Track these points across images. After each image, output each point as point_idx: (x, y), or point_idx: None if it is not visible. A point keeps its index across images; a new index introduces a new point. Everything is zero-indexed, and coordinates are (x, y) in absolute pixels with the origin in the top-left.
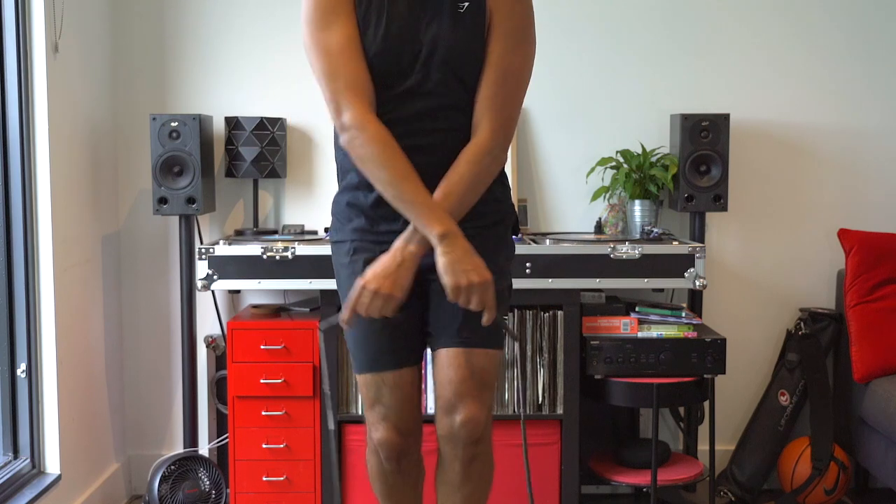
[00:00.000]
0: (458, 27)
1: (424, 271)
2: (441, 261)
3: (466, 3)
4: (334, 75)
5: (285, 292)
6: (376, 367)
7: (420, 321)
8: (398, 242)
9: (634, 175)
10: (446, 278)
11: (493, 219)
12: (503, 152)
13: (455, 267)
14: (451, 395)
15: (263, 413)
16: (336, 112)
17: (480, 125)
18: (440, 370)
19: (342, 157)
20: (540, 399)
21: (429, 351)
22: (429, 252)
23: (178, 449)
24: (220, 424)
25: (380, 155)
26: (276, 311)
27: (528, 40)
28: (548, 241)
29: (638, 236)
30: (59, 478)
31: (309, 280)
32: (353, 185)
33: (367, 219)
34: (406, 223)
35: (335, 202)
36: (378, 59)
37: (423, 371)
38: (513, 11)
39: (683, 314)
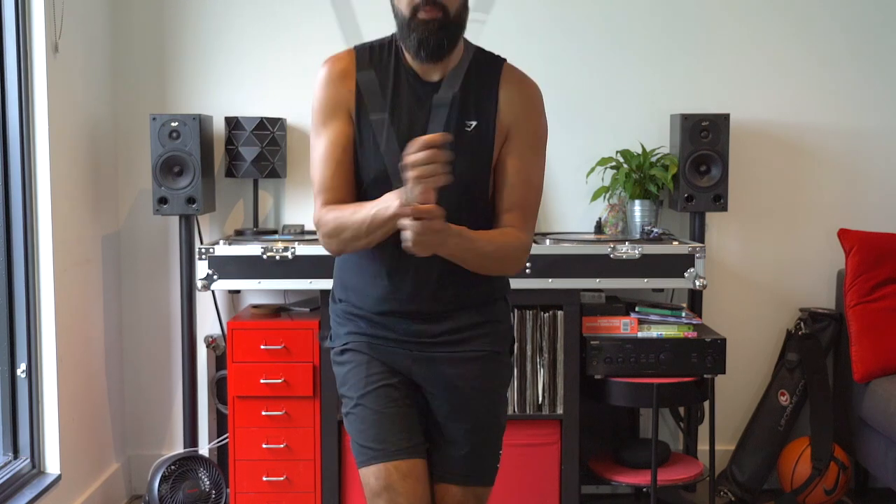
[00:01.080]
0: (463, 149)
1: (426, 387)
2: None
3: (474, 123)
4: (314, 176)
5: (285, 292)
6: (387, 457)
7: (423, 418)
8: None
9: (634, 175)
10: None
11: (498, 343)
12: (526, 255)
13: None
14: None
15: (263, 413)
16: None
17: (508, 221)
18: None
19: (336, 271)
20: (540, 399)
21: None
22: (424, 366)
23: (178, 449)
24: (220, 424)
25: (336, 227)
26: (276, 311)
27: (544, 150)
28: (548, 241)
29: (638, 236)
30: (59, 478)
31: (309, 280)
32: (349, 301)
33: (363, 324)
34: (402, 332)
35: (332, 309)
36: (375, 177)
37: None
38: (533, 120)
39: (683, 314)
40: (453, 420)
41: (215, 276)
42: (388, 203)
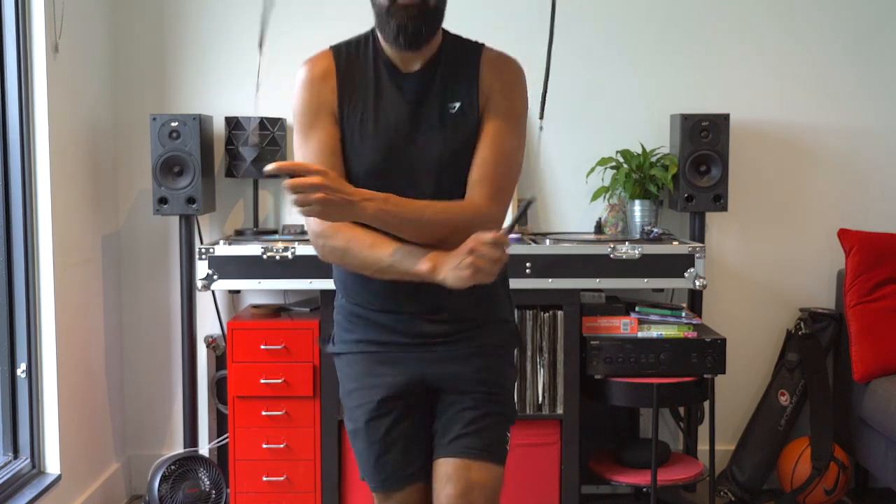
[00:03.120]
0: (447, 131)
1: (434, 386)
2: (447, 282)
3: (458, 104)
4: None
5: (285, 292)
6: (385, 486)
7: (428, 436)
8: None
9: (634, 175)
10: (455, 278)
11: (501, 340)
12: (492, 224)
13: (456, 272)
14: None
15: (263, 413)
16: (305, 220)
17: (474, 193)
18: (438, 484)
19: (337, 273)
20: (540, 399)
21: None
22: (437, 366)
23: (178, 449)
24: (220, 424)
25: (344, 250)
26: (276, 311)
27: (522, 124)
28: (548, 241)
29: (638, 236)
30: (59, 478)
31: (309, 280)
32: (350, 297)
33: (371, 330)
34: (411, 334)
35: (337, 310)
36: (367, 171)
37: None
38: (510, 93)
39: (683, 314)
40: (461, 405)
41: (215, 276)
42: (416, 261)
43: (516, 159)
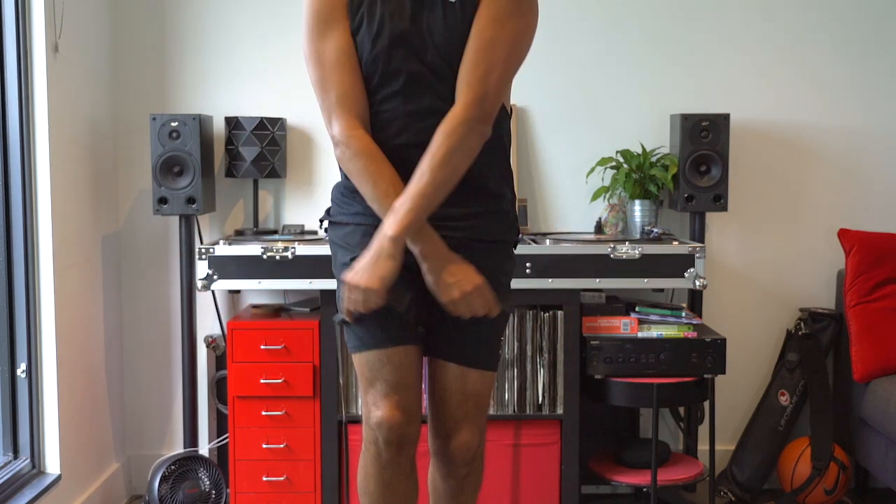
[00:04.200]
0: (449, 17)
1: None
2: (428, 279)
3: None
4: (326, 88)
5: (285, 292)
6: (378, 344)
7: (422, 310)
8: (376, 239)
9: (634, 175)
10: (441, 297)
11: (499, 234)
12: (482, 125)
13: (444, 283)
14: (445, 419)
15: (263, 413)
16: (327, 124)
17: (458, 96)
18: (436, 386)
19: None
20: (540, 399)
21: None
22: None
23: (178, 449)
24: (220, 424)
25: (364, 170)
26: (276, 311)
27: (520, 11)
28: (548, 241)
29: (638, 236)
30: (59, 478)
31: (309, 280)
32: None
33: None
34: None
35: (335, 189)
36: (372, 59)
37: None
38: None
39: (683, 314)
40: None
41: (215, 276)
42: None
43: (511, 51)
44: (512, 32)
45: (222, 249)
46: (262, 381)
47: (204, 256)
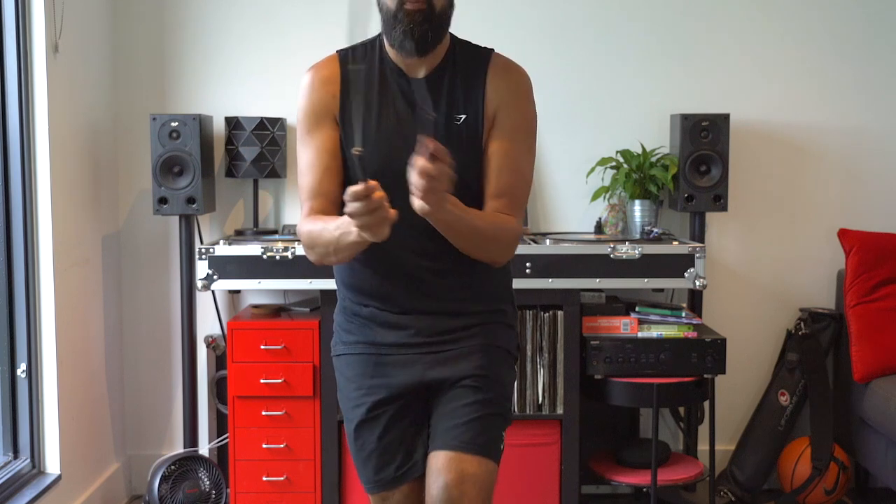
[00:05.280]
0: (453, 142)
1: (434, 385)
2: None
3: (463, 116)
4: (301, 185)
5: (285, 292)
6: (381, 487)
7: (424, 435)
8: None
9: (634, 175)
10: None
11: (504, 341)
12: (517, 242)
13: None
14: (442, 498)
15: (263, 413)
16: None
17: (497, 206)
18: (430, 477)
19: (336, 273)
20: (540, 399)
21: None
22: (438, 367)
23: (178, 449)
24: (220, 424)
25: (307, 239)
26: (276, 311)
27: (532, 136)
28: (548, 241)
29: (638, 236)
30: (59, 478)
31: (309, 280)
32: (351, 300)
33: (370, 331)
34: (410, 334)
35: (336, 314)
36: (369, 176)
37: None
38: (519, 105)
39: (683, 314)
40: (458, 400)
41: (215, 276)
42: (348, 229)
43: (529, 175)
44: (531, 156)
45: (222, 249)
46: (262, 381)
47: (204, 256)
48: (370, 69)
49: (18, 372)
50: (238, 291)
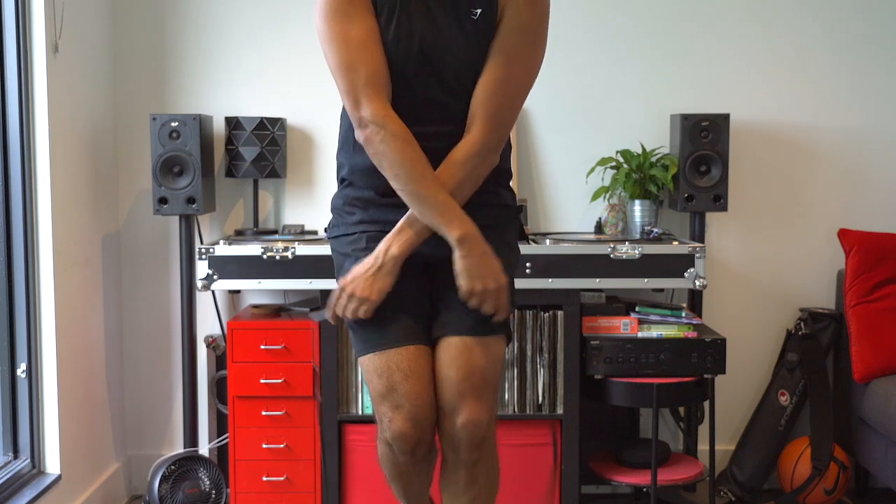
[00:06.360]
0: (469, 36)
1: (432, 264)
2: (459, 264)
3: (479, 10)
4: (353, 68)
5: (285, 292)
6: (384, 344)
7: (429, 303)
8: (381, 245)
9: (634, 175)
10: (462, 281)
11: (500, 221)
12: (493, 154)
13: (472, 272)
14: (451, 396)
15: (263, 413)
16: (354, 106)
17: (473, 126)
18: (440, 366)
19: (344, 156)
20: (540, 399)
21: None
22: (443, 244)
23: (178, 449)
24: (220, 424)
25: (399, 152)
26: (276, 311)
27: (534, 44)
28: (548, 241)
29: (638, 236)
30: (59, 478)
31: (309, 280)
32: (355, 183)
33: (372, 210)
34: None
35: (335, 198)
36: (393, 70)
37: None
38: (521, 11)
39: (683, 314)
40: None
41: (215, 276)
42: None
43: (522, 87)
44: (528, 67)
45: (222, 249)
46: (262, 381)
47: (204, 256)
48: None
49: (18, 372)
50: (238, 291)
